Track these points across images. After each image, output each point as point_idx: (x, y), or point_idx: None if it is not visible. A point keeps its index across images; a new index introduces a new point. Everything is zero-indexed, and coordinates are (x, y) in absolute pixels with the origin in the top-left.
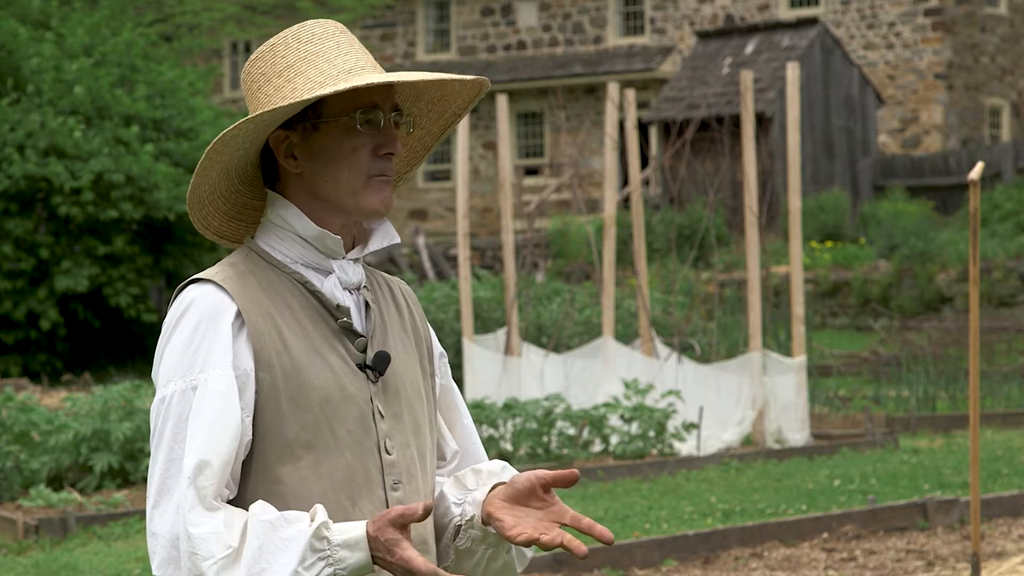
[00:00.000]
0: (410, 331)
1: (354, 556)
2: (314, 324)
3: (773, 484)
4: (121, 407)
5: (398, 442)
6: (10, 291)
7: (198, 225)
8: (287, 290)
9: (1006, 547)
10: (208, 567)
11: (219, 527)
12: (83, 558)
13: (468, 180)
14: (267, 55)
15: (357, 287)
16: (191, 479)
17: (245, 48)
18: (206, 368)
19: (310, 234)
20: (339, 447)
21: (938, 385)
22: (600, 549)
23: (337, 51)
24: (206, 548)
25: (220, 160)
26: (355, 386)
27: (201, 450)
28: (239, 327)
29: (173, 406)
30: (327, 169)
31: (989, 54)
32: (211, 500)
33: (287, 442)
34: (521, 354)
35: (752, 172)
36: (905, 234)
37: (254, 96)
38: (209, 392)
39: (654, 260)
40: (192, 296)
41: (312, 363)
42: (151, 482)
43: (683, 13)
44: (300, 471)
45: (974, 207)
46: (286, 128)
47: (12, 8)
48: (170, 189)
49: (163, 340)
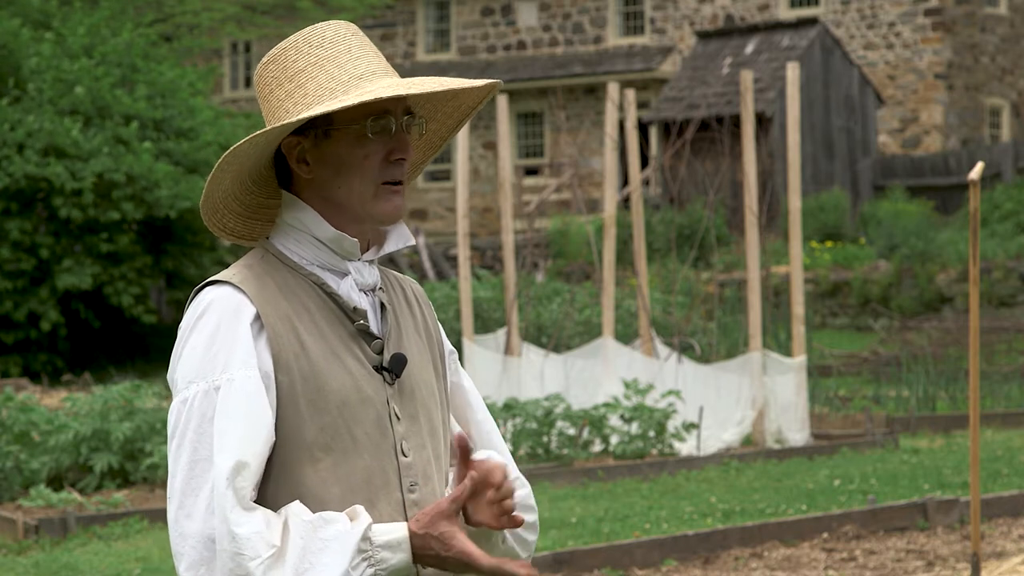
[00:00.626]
0: (423, 332)
1: (395, 557)
2: (331, 326)
3: (773, 484)
4: (121, 407)
5: (414, 444)
6: (10, 291)
7: (213, 228)
8: (304, 292)
9: (1006, 547)
10: (255, 566)
11: (261, 526)
12: (83, 558)
13: (468, 180)
14: (279, 59)
15: (372, 288)
16: (229, 480)
17: (245, 48)
18: (228, 368)
19: (327, 236)
20: (357, 449)
21: (938, 385)
22: (600, 549)
23: (348, 55)
24: (252, 548)
25: (232, 169)
26: (372, 388)
27: (238, 451)
28: (258, 329)
29: (196, 407)
30: (339, 176)
31: (989, 54)
32: (248, 501)
33: (306, 444)
34: (521, 354)
35: (752, 172)
36: (905, 234)
37: (266, 99)
38: (237, 392)
39: (654, 260)
40: (211, 298)
41: (330, 365)
42: (173, 482)
43: (683, 13)
44: (319, 473)
45: (974, 207)
46: (298, 134)
47: (12, 8)
48: (171, 187)
49: (181, 342)
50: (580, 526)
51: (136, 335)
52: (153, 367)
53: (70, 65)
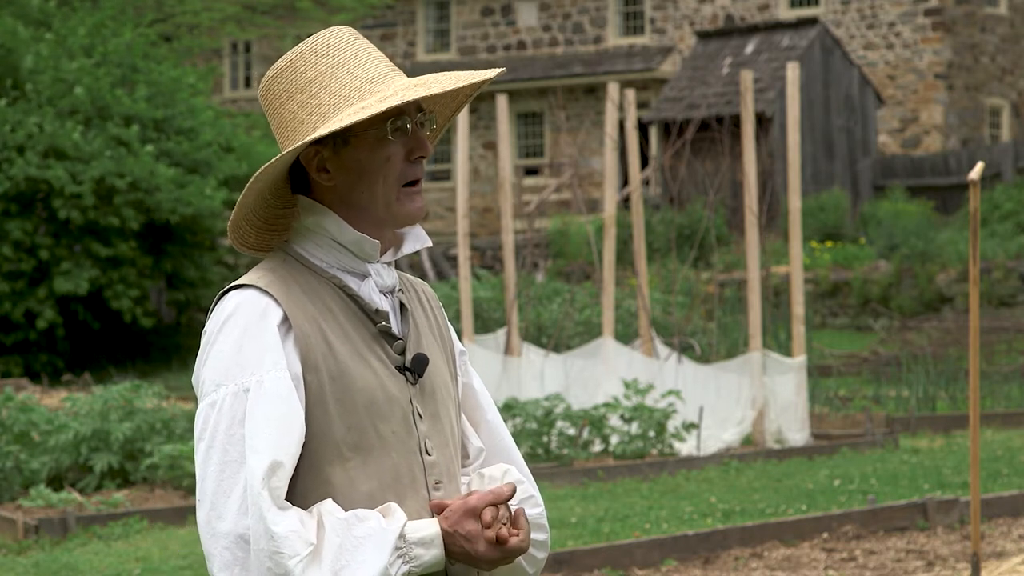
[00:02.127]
0: (437, 334)
1: (429, 553)
2: (355, 327)
3: (773, 484)
4: (121, 407)
5: (437, 442)
6: (9, 293)
7: (236, 244)
8: (327, 294)
9: (1006, 547)
10: (295, 564)
11: (298, 525)
12: (83, 558)
13: (468, 180)
14: (286, 71)
15: (392, 290)
16: (264, 480)
17: (245, 48)
18: (258, 371)
19: (349, 239)
20: (385, 448)
21: (938, 385)
22: (600, 549)
23: (356, 60)
24: (290, 546)
25: (256, 187)
26: (396, 388)
27: (272, 451)
28: (286, 331)
29: (226, 409)
30: (362, 181)
31: (989, 54)
32: (284, 500)
33: (335, 443)
34: (521, 354)
35: (752, 172)
36: (905, 234)
37: (276, 112)
38: (269, 394)
39: (654, 260)
40: (236, 301)
41: (356, 366)
42: (204, 485)
43: (683, 13)
44: (348, 472)
45: (974, 207)
46: (316, 143)
47: (12, 8)
48: (171, 191)
49: (207, 345)
50: (580, 526)
51: (136, 336)
52: (153, 367)
53: (68, 65)
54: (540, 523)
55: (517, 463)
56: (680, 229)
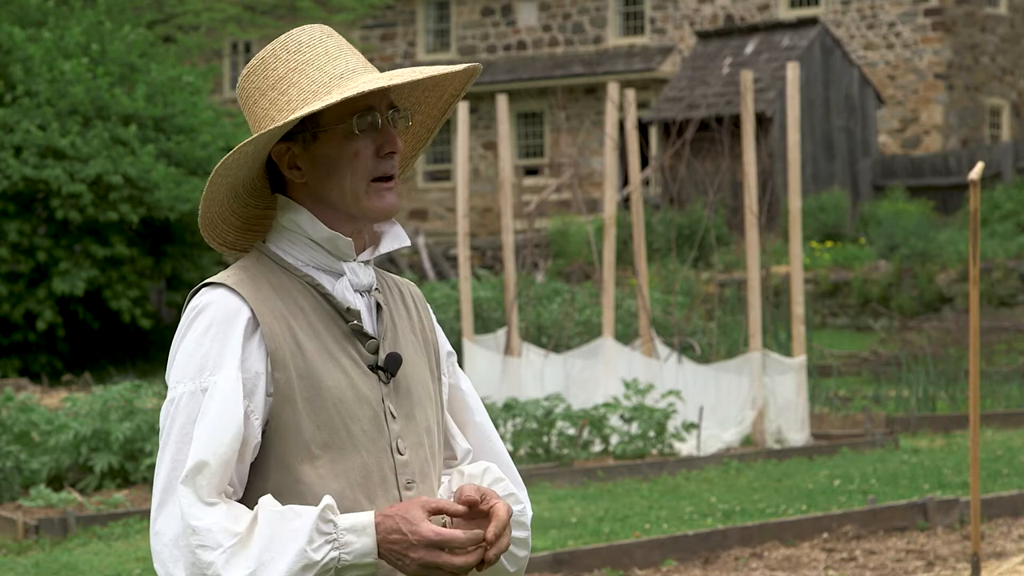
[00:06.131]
0: (419, 333)
1: (360, 541)
2: (325, 326)
3: (773, 484)
4: (121, 407)
5: (411, 442)
6: (8, 294)
7: (213, 243)
8: (299, 293)
9: (1006, 547)
10: (217, 556)
11: (221, 518)
12: (83, 558)
13: (468, 180)
14: (258, 69)
15: (368, 289)
16: (189, 478)
17: (245, 48)
18: (216, 371)
19: (321, 237)
20: (355, 446)
21: (938, 385)
22: (600, 549)
23: (326, 57)
24: (212, 538)
25: (225, 183)
26: (367, 387)
27: (201, 450)
28: (253, 329)
29: (181, 408)
30: (331, 176)
31: (989, 54)
32: (207, 497)
33: (304, 441)
34: (521, 354)
35: (752, 172)
36: (905, 234)
37: (251, 111)
38: (216, 394)
39: (654, 260)
40: (206, 300)
41: (324, 365)
42: (157, 482)
43: (683, 13)
44: (318, 470)
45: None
46: (286, 140)
47: (9, 7)
48: (170, 189)
49: (175, 342)
50: (580, 526)
51: (136, 336)
52: (153, 367)
53: (63, 64)
54: (521, 520)
55: (504, 464)
56: (680, 229)
